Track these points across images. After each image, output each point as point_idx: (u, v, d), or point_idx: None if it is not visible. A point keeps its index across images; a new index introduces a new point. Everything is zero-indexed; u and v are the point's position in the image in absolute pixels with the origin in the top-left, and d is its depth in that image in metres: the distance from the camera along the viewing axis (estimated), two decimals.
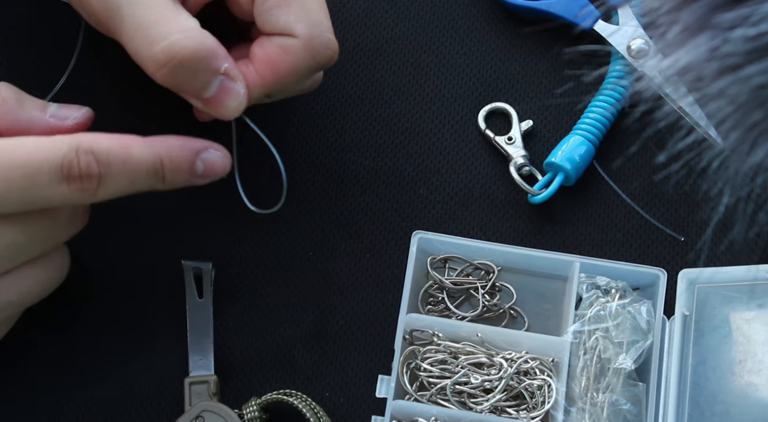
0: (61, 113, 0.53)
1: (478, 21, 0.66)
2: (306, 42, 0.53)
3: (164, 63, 0.50)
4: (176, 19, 0.51)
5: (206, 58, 0.51)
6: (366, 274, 0.61)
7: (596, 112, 0.62)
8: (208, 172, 0.53)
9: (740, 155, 0.39)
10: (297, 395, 0.57)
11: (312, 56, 0.53)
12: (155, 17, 0.50)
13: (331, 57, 0.54)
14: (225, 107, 0.53)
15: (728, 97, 0.38)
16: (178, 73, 0.51)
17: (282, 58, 0.53)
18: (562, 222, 0.62)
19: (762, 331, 0.56)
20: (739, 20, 0.36)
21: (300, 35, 0.53)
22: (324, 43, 0.54)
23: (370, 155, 0.63)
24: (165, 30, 0.50)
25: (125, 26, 0.51)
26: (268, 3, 0.53)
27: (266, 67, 0.53)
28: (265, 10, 0.53)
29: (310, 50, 0.53)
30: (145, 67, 0.51)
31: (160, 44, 0.50)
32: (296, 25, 0.53)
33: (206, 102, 0.52)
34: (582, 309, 0.58)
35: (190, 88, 0.52)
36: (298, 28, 0.53)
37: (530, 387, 0.57)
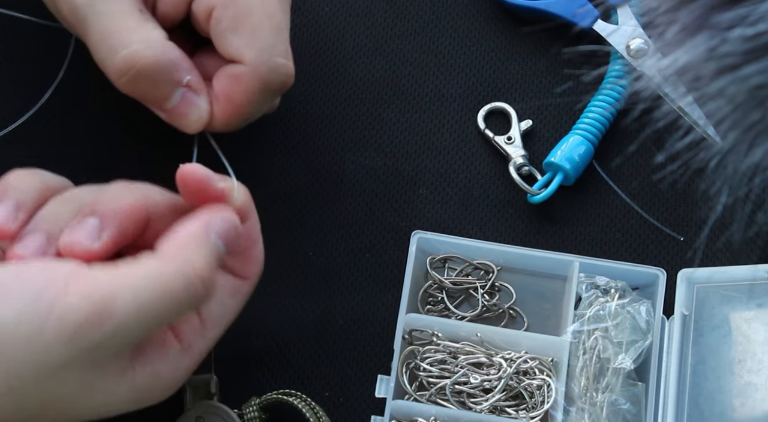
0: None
1: (477, 21, 0.66)
2: (255, 68, 0.52)
3: (124, 71, 0.51)
4: (139, 30, 0.51)
5: (167, 68, 0.51)
6: (365, 274, 0.61)
7: (595, 111, 0.62)
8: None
9: (738, 155, 0.39)
10: (297, 395, 0.57)
11: (262, 82, 0.52)
12: (118, 27, 0.51)
13: (284, 82, 0.53)
14: (186, 119, 0.53)
15: (727, 96, 0.38)
16: (139, 82, 0.51)
17: (234, 88, 0.52)
18: (562, 222, 0.62)
19: (761, 331, 0.56)
20: (737, 20, 0.36)
21: (248, 61, 0.52)
22: (274, 69, 0.52)
23: (370, 155, 0.63)
24: (126, 39, 0.51)
25: (90, 34, 0.51)
26: (221, 25, 0.53)
27: (223, 99, 0.53)
28: (219, 33, 0.53)
29: (259, 76, 0.52)
30: (108, 74, 0.51)
31: (120, 53, 0.50)
32: (245, 50, 0.52)
33: (168, 113, 0.53)
34: (581, 309, 0.58)
35: (151, 97, 0.52)
36: (246, 53, 0.52)
37: (529, 386, 0.57)
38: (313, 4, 0.66)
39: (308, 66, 0.65)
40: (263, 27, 0.53)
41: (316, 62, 0.65)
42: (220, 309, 0.50)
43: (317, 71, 0.65)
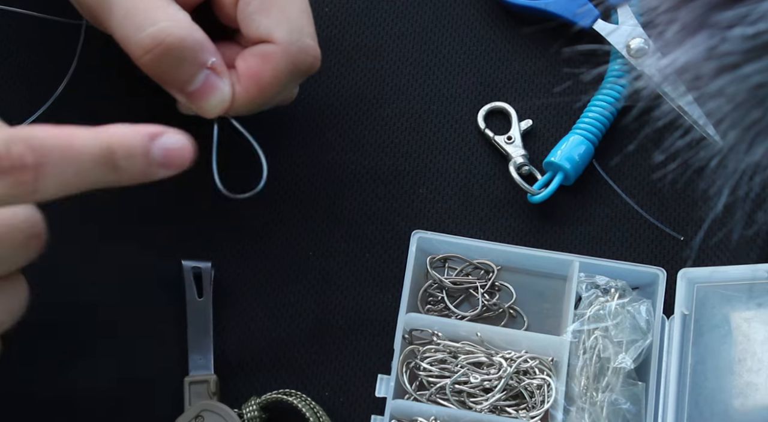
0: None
1: (477, 20, 0.66)
2: (285, 48, 0.53)
3: (150, 48, 0.50)
4: (166, 8, 0.51)
5: (193, 48, 0.51)
6: (365, 274, 0.61)
7: (595, 111, 0.62)
8: (167, 159, 0.46)
9: (738, 154, 0.39)
10: (296, 394, 0.57)
11: (292, 62, 0.53)
12: (144, 5, 0.51)
13: (312, 64, 0.54)
14: (207, 103, 0.52)
15: (726, 95, 0.38)
16: (164, 60, 0.51)
17: (262, 67, 0.53)
18: (562, 221, 0.62)
19: (761, 330, 0.56)
20: (737, 19, 0.36)
21: (279, 41, 0.53)
22: (303, 49, 0.53)
23: (370, 155, 0.63)
24: (154, 16, 0.50)
25: (115, 13, 0.51)
26: (250, 8, 0.53)
27: (248, 79, 0.53)
28: (247, 15, 0.53)
29: (290, 56, 0.53)
30: (131, 53, 0.51)
31: (147, 30, 0.50)
32: (275, 30, 0.53)
33: (189, 95, 0.52)
34: (581, 309, 0.58)
35: (174, 78, 0.52)
36: (277, 33, 0.53)
37: (530, 386, 0.57)
38: (313, 4, 0.65)
39: None
40: (293, 9, 0.53)
41: None
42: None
43: (317, 71, 0.64)
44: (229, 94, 0.53)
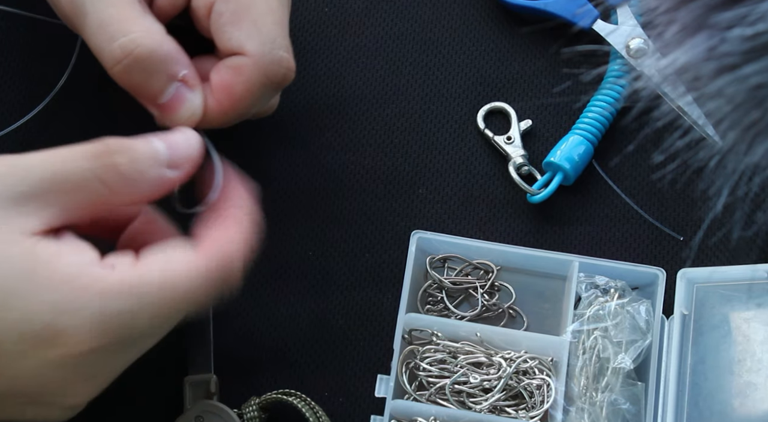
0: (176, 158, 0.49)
1: (476, 20, 0.66)
2: (257, 60, 0.52)
3: (120, 59, 0.50)
4: (139, 20, 0.51)
5: (164, 60, 0.51)
6: (365, 274, 0.61)
7: (595, 111, 0.62)
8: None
9: (738, 154, 0.39)
10: (296, 395, 0.57)
11: (264, 75, 0.52)
12: (118, 15, 0.51)
13: (285, 75, 0.53)
14: (178, 115, 0.52)
15: (726, 96, 0.38)
16: (134, 71, 0.51)
17: (234, 79, 0.52)
18: (561, 221, 0.62)
19: (761, 330, 0.56)
20: (737, 20, 0.36)
21: (250, 53, 0.52)
22: (276, 61, 0.52)
23: (369, 155, 0.63)
24: (126, 28, 0.50)
25: (88, 23, 0.51)
26: (222, 19, 0.53)
27: (221, 91, 0.52)
28: (219, 27, 0.53)
29: (261, 68, 0.52)
30: (104, 63, 0.51)
31: (118, 40, 0.50)
32: (247, 42, 0.52)
33: (160, 108, 0.52)
34: (581, 309, 0.58)
35: (145, 90, 0.51)
36: (248, 45, 0.52)
37: (529, 386, 0.57)
38: (313, 4, 0.66)
39: (308, 66, 0.65)
40: (265, 20, 0.53)
41: (316, 62, 0.65)
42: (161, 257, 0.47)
43: (317, 71, 0.65)
44: (199, 106, 0.52)
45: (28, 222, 0.45)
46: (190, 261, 0.47)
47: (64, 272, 0.45)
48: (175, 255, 0.47)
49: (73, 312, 0.44)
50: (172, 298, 0.46)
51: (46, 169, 0.45)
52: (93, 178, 0.46)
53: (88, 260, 0.46)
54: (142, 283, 0.46)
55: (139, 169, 0.47)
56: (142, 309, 0.46)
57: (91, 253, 0.46)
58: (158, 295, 0.46)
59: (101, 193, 0.46)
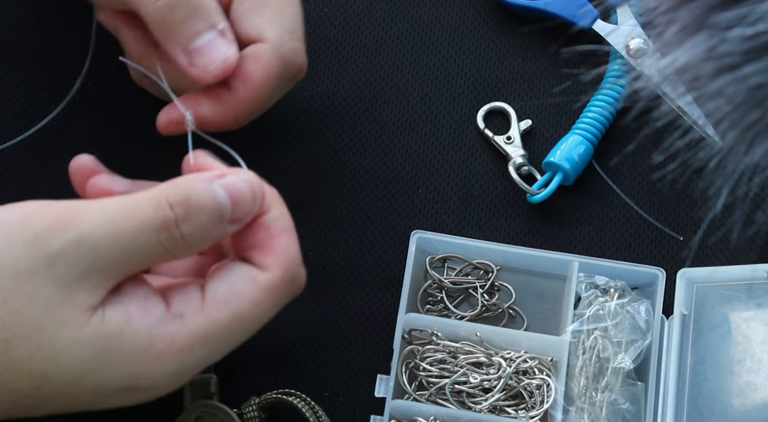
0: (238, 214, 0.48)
1: (476, 20, 0.66)
2: (276, 47, 0.52)
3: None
4: None
5: (208, 7, 0.51)
6: (365, 274, 0.61)
7: (595, 111, 0.62)
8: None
9: (738, 154, 0.39)
10: (296, 395, 0.57)
11: (282, 63, 0.52)
12: None
13: (300, 67, 0.54)
14: (209, 60, 0.51)
15: (726, 96, 0.38)
16: (178, 8, 0.50)
17: (253, 67, 0.52)
18: (561, 221, 0.62)
19: (760, 330, 0.56)
20: (737, 20, 0.36)
21: (270, 39, 0.52)
22: (294, 50, 0.53)
23: (369, 155, 0.63)
24: None
25: None
26: (244, 6, 0.53)
27: (239, 81, 0.52)
28: (241, 13, 0.53)
29: (280, 56, 0.52)
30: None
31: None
32: (268, 29, 0.52)
33: (191, 53, 0.51)
34: (581, 309, 0.58)
35: (181, 31, 0.51)
36: (269, 32, 0.52)
37: (529, 386, 0.57)
38: (313, 4, 0.66)
39: (308, 66, 0.64)
40: (286, 11, 0.53)
41: (316, 62, 0.65)
42: (226, 289, 0.47)
43: (317, 71, 0.65)
44: (233, 58, 0.51)
45: (93, 296, 0.44)
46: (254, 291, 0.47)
47: (138, 343, 0.44)
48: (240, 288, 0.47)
49: (151, 375, 0.45)
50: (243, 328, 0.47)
51: (113, 244, 0.44)
52: (159, 249, 0.45)
53: (157, 319, 0.45)
54: (213, 331, 0.46)
55: (206, 234, 0.46)
56: (217, 350, 0.47)
57: (158, 308, 0.46)
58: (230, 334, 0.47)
59: (165, 257, 0.46)
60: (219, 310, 0.46)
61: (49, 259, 0.43)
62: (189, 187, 0.46)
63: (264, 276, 0.48)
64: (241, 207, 0.47)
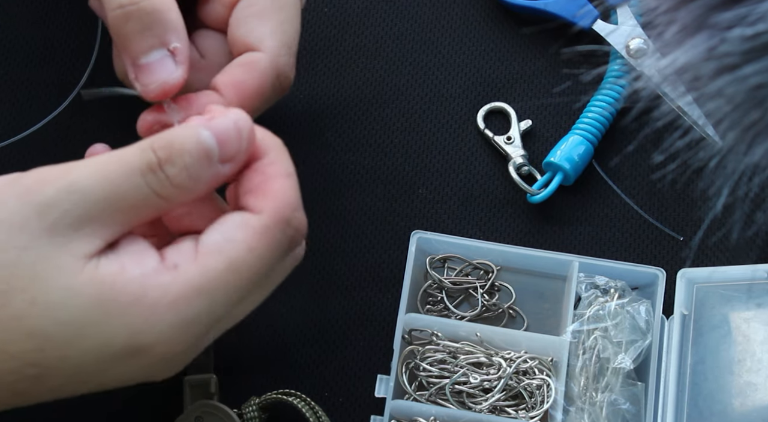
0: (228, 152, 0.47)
1: (476, 20, 0.66)
2: (272, 58, 0.52)
3: (125, 4, 0.50)
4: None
5: (163, 23, 0.50)
6: (365, 274, 0.61)
7: (595, 111, 0.62)
8: None
9: (738, 154, 0.39)
10: (296, 395, 0.57)
11: (276, 75, 0.52)
12: None
13: (288, 85, 0.53)
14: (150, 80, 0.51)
15: (726, 96, 0.38)
16: (131, 21, 0.50)
17: (247, 75, 0.52)
18: (561, 221, 0.62)
19: (761, 331, 0.56)
20: (737, 20, 0.36)
21: (268, 50, 0.52)
22: (289, 64, 0.53)
23: (369, 155, 0.63)
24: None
25: None
26: (250, 11, 0.53)
27: (232, 89, 0.52)
28: (242, 18, 0.53)
29: (276, 68, 0.52)
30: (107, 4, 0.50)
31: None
32: (268, 39, 0.52)
33: (137, 68, 0.51)
34: (581, 309, 0.58)
35: (131, 44, 0.50)
36: (268, 42, 0.52)
37: (529, 386, 0.57)
38: (313, 4, 0.66)
39: (308, 66, 0.65)
40: (289, 26, 0.53)
41: (316, 62, 0.65)
42: (219, 237, 0.46)
43: (317, 71, 0.65)
44: (175, 81, 0.51)
45: (87, 245, 0.44)
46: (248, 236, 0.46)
47: (131, 292, 0.44)
48: (233, 234, 0.46)
49: (149, 329, 0.44)
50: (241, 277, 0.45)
51: (102, 190, 0.44)
52: (149, 194, 0.45)
53: (151, 269, 0.45)
54: (209, 280, 0.45)
55: (194, 175, 0.46)
56: (216, 302, 0.45)
57: (152, 259, 0.45)
58: (226, 284, 0.45)
59: (159, 205, 0.46)
60: (213, 258, 0.45)
61: (41, 207, 0.43)
62: (172, 132, 0.46)
63: (256, 219, 0.46)
64: (228, 145, 0.46)
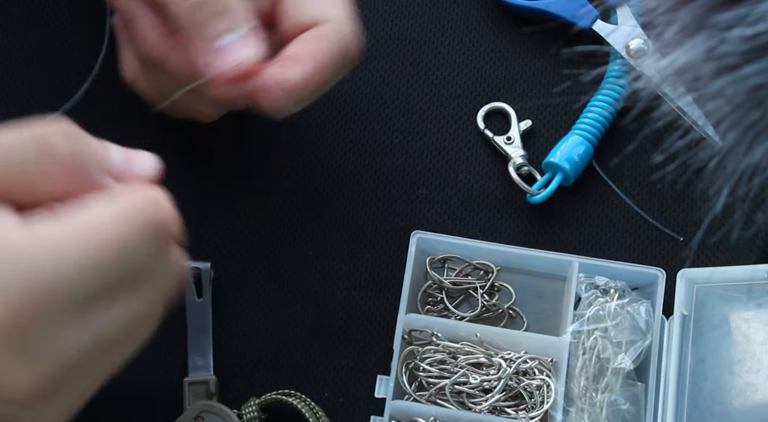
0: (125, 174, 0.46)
1: (476, 21, 0.66)
2: (340, 28, 0.53)
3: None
4: None
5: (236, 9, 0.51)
6: (365, 274, 0.61)
7: (595, 111, 0.62)
8: None
9: (738, 155, 0.39)
10: (296, 395, 0.57)
11: (345, 44, 0.53)
12: None
13: (357, 52, 0.54)
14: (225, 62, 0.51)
15: (726, 96, 0.38)
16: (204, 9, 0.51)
17: (318, 46, 0.52)
18: (561, 222, 0.62)
19: (761, 331, 0.56)
20: (736, 20, 0.36)
21: (333, 20, 0.53)
22: (355, 33, 0.53)
23: (369, 155, 0.63)
24: None
25: None
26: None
27: (306, 58, 0.52)
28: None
29: (343, 37, 0.53)
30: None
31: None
32: (332, 9, 0.53)
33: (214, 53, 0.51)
34: (581, 309, 0.58)
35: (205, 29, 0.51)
36: (332, 12, 0.53)
37: (529, 387, 0.57)
38: None
39: None
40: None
41: None
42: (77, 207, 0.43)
43: None
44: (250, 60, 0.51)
45: None
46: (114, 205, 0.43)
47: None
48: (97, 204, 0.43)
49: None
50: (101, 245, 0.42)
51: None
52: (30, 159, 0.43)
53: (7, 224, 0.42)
54: (63, 237, 0.42)
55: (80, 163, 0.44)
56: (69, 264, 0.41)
57: (10, 217, 0.42)
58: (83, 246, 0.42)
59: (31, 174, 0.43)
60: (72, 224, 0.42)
61: None
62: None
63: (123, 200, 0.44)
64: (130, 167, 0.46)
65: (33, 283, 0.41)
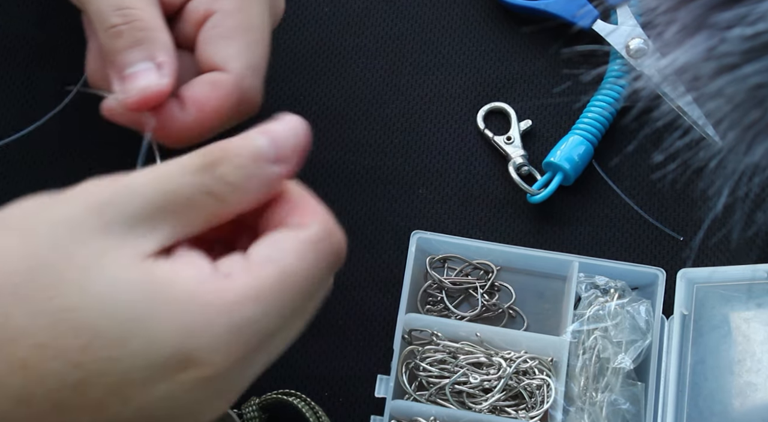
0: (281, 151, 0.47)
1: (476, 21, 0.66)
2: (238, 80, 0.52)
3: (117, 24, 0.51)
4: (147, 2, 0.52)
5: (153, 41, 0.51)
6: (365, 274, 0.61)
7: (595, 111, 0.62)
8: None
9: (738, 154, 0.39)
10: (296, 395, 0.57)
11: (240, 97, 0.52)
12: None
13: (254, 107, 0.53)
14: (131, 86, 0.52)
15: (726, 96, 0.38)
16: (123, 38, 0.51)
17: (210, 94, 0.52)
18: (561, 221, 0.62)
19: (761, 331, 0.56)
20: (737, 20, 0.36)
21: (233, 71, 0.52)
22: (254, 88, 0.53)
23: (369, 155, 0.63)
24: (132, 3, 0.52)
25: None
26: (216, 31, 0.53)
27: (192, 105, 0.52)
28: (210, 37, 0.53)
29: (240, 90, 0.52)
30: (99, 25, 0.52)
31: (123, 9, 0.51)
32: (234, 60, 0.52)
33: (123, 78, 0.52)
34: (581, 309, 0.58)
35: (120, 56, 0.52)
36: (235, 63, 0.52)
37: (529, 386, 0.57)
38: (313, 4, 0.66)
39: (308, 66, 0.65)
40: (257, 48, 0.53)
41: (316, 62, 0.65)
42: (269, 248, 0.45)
43: (317, 71, 0.65)
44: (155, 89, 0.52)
45: (142, 244, 0.43)
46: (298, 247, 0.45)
47: (185, 291, 0.43)
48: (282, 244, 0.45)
49: (201, 332, 0.43)
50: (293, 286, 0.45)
51: (155, 189, 0.44)
52: (202, 194, 0.44)
53: (206, 274, 0.44)
54: (262, 288, 0.44)
55: (247, 173, 0.45)
56: (268, 312, 0.44)
57: (207, 265, 0.44)
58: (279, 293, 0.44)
59: (213, 207, 0.45)
60: (265, 268, 0.45)
61: (99, 207, 0.43)
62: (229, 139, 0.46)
63: (304, 232, 0.46)
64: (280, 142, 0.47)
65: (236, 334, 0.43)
